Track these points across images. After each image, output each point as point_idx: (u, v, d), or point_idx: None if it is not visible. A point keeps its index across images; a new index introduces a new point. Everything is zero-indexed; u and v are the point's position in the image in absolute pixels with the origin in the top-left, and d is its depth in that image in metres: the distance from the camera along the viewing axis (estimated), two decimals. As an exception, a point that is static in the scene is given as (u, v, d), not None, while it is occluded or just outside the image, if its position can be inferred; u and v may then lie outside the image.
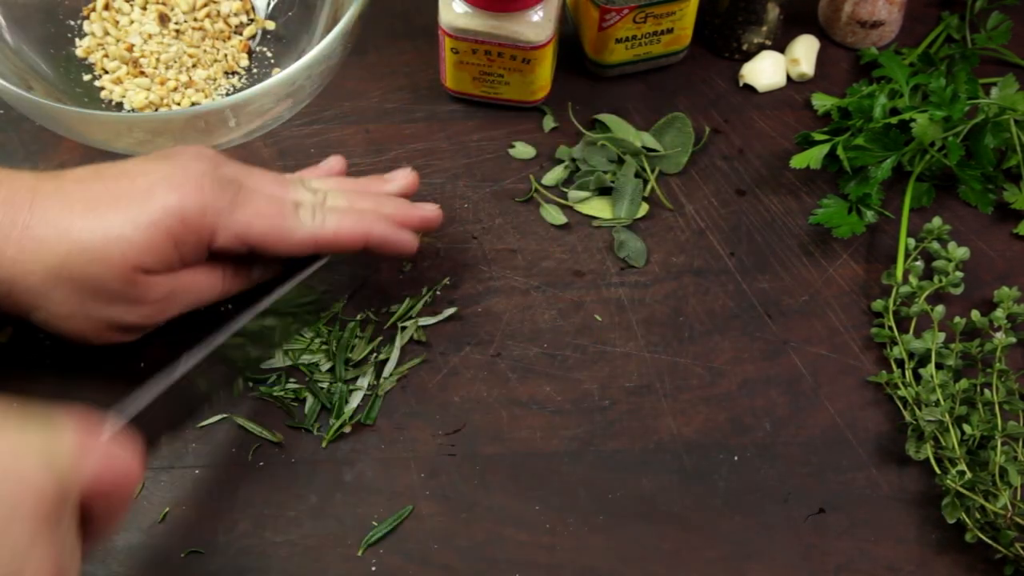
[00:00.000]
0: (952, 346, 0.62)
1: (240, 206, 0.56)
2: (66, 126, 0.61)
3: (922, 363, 0.62)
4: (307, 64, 0.61)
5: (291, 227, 0.57)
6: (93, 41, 0.71)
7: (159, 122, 0.61)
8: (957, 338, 0.64)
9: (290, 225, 0.57)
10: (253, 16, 0.74)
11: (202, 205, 0.55)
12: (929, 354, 0.62)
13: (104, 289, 0.54)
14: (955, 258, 0.65)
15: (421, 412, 0.62)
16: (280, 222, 0.57)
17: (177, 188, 0.54)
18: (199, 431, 0.61)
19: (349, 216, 0.59)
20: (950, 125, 0.67)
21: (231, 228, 0.56)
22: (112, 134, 0.61)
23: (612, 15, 0.69)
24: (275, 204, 0.57)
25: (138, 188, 0.54)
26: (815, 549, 0.58)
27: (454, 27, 0.67)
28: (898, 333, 0.63)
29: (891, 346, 0.63)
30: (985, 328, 0.64)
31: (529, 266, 0.67)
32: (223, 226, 0.56)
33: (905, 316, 0.64)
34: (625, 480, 0.60)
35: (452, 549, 0.58)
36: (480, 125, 0.72)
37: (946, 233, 0.66)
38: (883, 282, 0.66)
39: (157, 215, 0.54)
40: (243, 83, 0.72)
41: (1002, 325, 0.63)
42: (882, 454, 0.61)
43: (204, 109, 0.60)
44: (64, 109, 0.60)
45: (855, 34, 0.75)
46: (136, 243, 0.53)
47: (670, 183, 0.70)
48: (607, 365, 0.63)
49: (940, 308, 0.63)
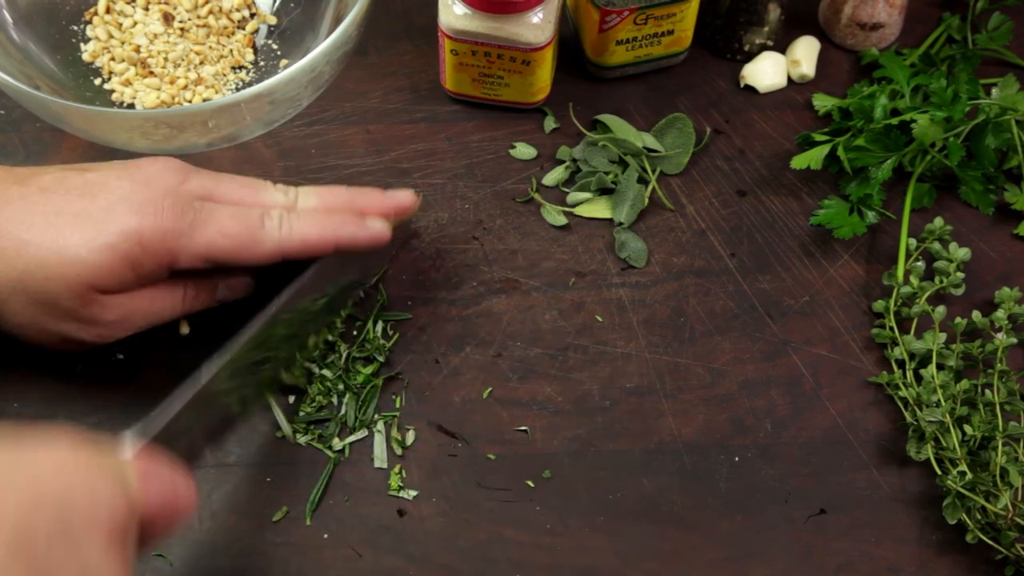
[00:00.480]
0: (953, 347, 0.62)
1: (202, 226, 0.55)
2: (75, 125, 0.62)
3: (923, 364, 0.62)
4: (327, 50, 0.61)
5: (256, 241, 0.56)
6: (98, 45, 0.72)
7: (184, 116, 0.60)
8: (958, 339, 0.64)
9: (255, 239, 0.56)
10: (255, 10, 0.74)
11: (161, 230, 0.54)
12: (930, 355, 0.62)
13: (59, 306, 0.54)
14: (956, 259, 0.65)
15: (421, 412, 0.62)
16: (245, 238, 0.56)
17: (136, 211, 0.54)
18: (199, 431, 0.61)
19: (317, 221, 0.58)
20: (951, 126, 0.67)
21: (192, 250, 0.55)
22: (138, 132, 0.61)
23: (613, 17, 0.69)
24: (240, 220, 0.56)
25: (98, 207, 0.54)
26: (815, 550, 0.58)
27: (454, 29, 0.67)
28: (899, 334, 0.63)
29: (892, 347, 0.63)
30: (986, 329, 0.64)
31: (530, 266, 0.67)
32: (184, 248, 0.55)
33: (906, 317, 0.64)
34: (626, 480, 0.60)
35: (452, 549, 0.58)
36: (481, 126, 0.72)
37: (947, 234, 0.66)
38: (884, 283, 0.66)
39: (114, 238, 0.53)
40: (251, 77, 0.72)
41: (1003, 326, 0.63)
42: (883, 455, 0.61)
43: (233, 99, 0.59)
44: (101, 111, 0.61)
45: (854, 36, 0.75)
46: (92, 265, 0.53)
47: (671, 184, 0.70)
48: (608, 365, 0.63)
49: (941, 309, 0.63)
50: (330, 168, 0.69)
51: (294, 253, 0.58)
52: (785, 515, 0.59)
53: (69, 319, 0.55)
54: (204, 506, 0.58)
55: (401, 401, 0.62)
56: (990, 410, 0.60)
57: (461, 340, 0.64)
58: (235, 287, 0.61)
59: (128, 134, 0.61)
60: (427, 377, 0.63)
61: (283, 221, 0.57)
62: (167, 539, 0.48)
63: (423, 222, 0.68)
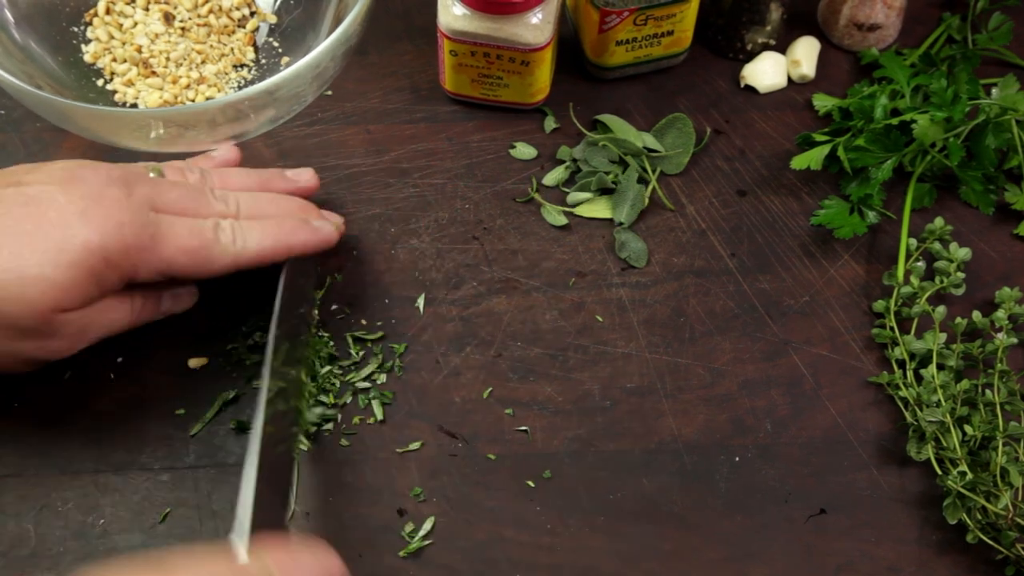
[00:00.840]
0: (953, 347, 0.62)
1: (161, 242, 0.54)
2: (88, 126, 0.62)
3: (923, 364, 0.62)
4: (332, 45, 0.61)
5: (213, 256, 0.56)
6: (99, 46, 0.72)
7: (193, 114, 0.60)
8: (958, 339, 0.63)
9: (212, 255, 0.56)
10: (254, 8, 0.74)
11: (124, 245, 0.53)
12: (930, 355, 0.62)
13: (18, 327, 0.53)
14: (956, 259, 0.65)
15: (422, 412, 0.62)
16: (203, 254, 0.56)
17: (97, 227, 0.52)
18: (200, 431, 0.60)
19: (268, 231, 0.58)
20: (951, 126, 0.67)
21: (153, 264, 0.55)
22: (147, 131, 0.61)
23: (612, 17, 0.69)
24: (196, 235, 0.56)
25: (51, 222, 0.52)
26: (816, 550, 0.58)
27: (453, 29, 0.67)
28: (899, 334, 0.63)
29: (892, 347, 0.63)
30: (986, 329, 0.64)
31: (530, 266, 0.67)
32: (145, 261, 0.54)
33: (906, 317, 0.64)
34: (626, 481, 0.60)
35: (453, 549, 0.58)
36: (481, 126, 0.72)
37: (947, 234, 0.66)
38: (884, 283, 0.66)
39: (79, 255, 0.52)
40: (253, 75, 0.72)
41: (1003, 326, 0.63)
42: (883, 455, 0.61)
43: (240, 96, 0.59)
44: (115, 111, 0.61)
45: (852, 36, 0.75)
46: (57, 283, 0.51)
47: (671, 184, 0.70)
48: (608, 366, 0.63)
49: (941, 309, 0.63)
50: (330, 168, 0.69)
51: (249, 265, 0.58)
52: (785, 515, 0.59)
53: (27, 339, 0.53)
54: (204, 506, 0.58)
55: (401, 400, 0.62)
56: (990, 410, 0.60)
57: (461, 340, 0.64)
58: (181, 299, 0.61)
59: (136, 133, 0.61)
60: (427, 377, 0.63)
61: (236, 234, 0.57)
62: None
63: (423, 222, 0.68)
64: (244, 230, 0.57)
